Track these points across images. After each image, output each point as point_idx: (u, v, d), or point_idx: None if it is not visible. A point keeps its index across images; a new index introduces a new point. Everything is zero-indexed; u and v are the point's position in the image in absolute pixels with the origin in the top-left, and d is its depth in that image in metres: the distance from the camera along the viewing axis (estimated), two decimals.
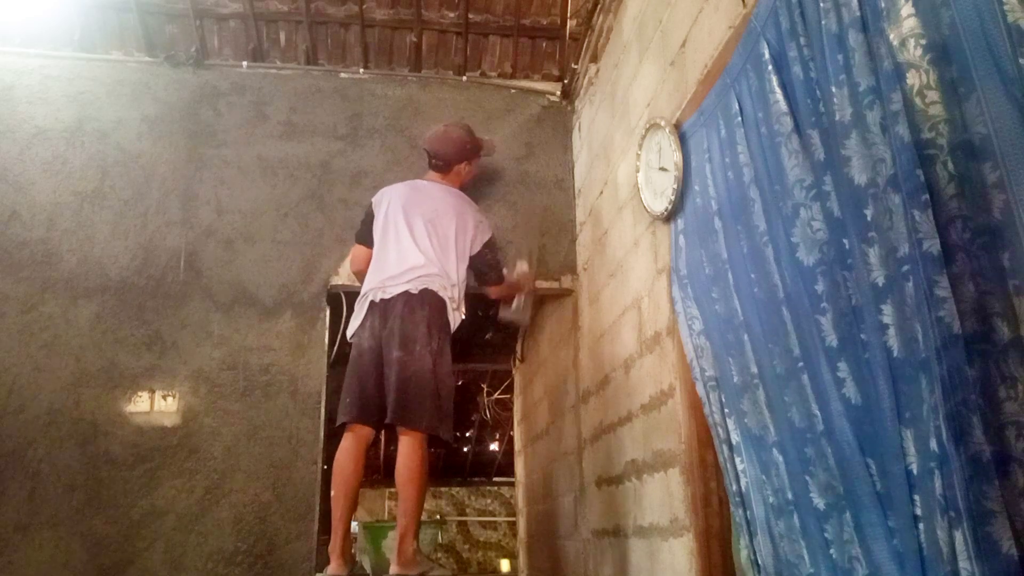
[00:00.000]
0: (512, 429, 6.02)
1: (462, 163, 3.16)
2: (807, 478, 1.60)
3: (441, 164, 3.12)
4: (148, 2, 3.48)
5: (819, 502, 1.57)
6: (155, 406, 3.18)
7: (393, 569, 2.58)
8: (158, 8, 3.51)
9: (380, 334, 2.74)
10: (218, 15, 3.57)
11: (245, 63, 3.65)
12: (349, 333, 2.90)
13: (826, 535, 1.54)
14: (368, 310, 2.81)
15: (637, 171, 2.54)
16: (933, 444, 1.16)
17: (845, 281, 1.45)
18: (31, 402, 3.10)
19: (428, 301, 2.76)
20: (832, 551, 1.53)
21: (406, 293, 2.76)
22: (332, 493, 2.70)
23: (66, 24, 3.49)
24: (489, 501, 12.86)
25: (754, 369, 1.81)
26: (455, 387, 2.79)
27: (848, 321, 1.44)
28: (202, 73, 3.60)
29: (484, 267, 3.04)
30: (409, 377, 2.64)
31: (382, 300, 2.78)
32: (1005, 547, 1.03)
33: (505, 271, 3.16)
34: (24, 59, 3.47)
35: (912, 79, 1.20)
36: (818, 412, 1.55)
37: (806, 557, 1.62)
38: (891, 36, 1.25)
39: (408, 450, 2.62)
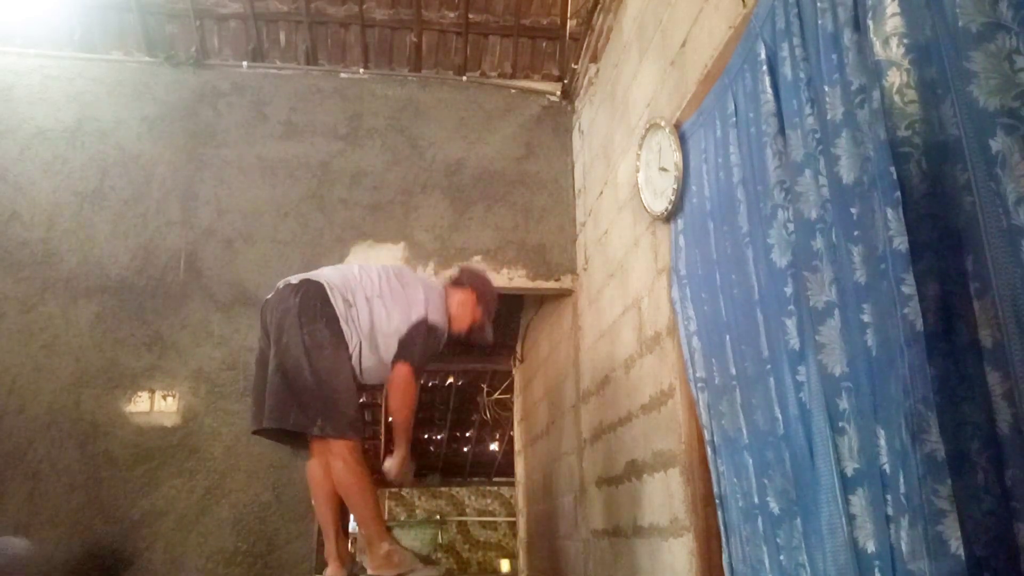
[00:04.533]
0: (512, 429, 6.02)
1: (465, 289, 2.69)
2: (765, 481, 1.60)
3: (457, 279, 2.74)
4: (148, 2, 3.48)
5: (774, 506, 1.57)
6: (155, 406, 3.18)
7: (369, 571, 2.48)
8: (158, 8, 3.51)
9: (262, 334, 2.46)
10: (218, 15, 3.57)
11: (245, 63, 3.65)
12: None
13: (778, 540, 1.55)
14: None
15: (637, 171, 2.54)
16: (897, 443, 1.17)
17: (809, 283, 1.45)
18: (31, 402, 3.09)
19: (303, 289, 2.40)
20: (782, 556, 1.53)
21: (287, 286, 2.44)
22: (313, 503, 2.61)
23: (66, 24, 3.49)
24: (489, 501, 12.86)
25: (732, 371, 1.81)
26: (349, 379, 2.34)
27: (809, 324, 1.44)
28: (202, 73, 3.60)
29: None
30: (275, 372, 2.32)
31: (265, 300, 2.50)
32: (953, 547, 1.03)
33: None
34: (24, 59, 3.47)
35: (892, 77, 1.20)
36: (779, 415, 1.55)
37: (766, 562, 1.62)
38: (875, 34, 1.25)
39: (332, 458, 2.36)
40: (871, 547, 1.26)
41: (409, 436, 2.49)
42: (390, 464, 2.52)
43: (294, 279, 2.45)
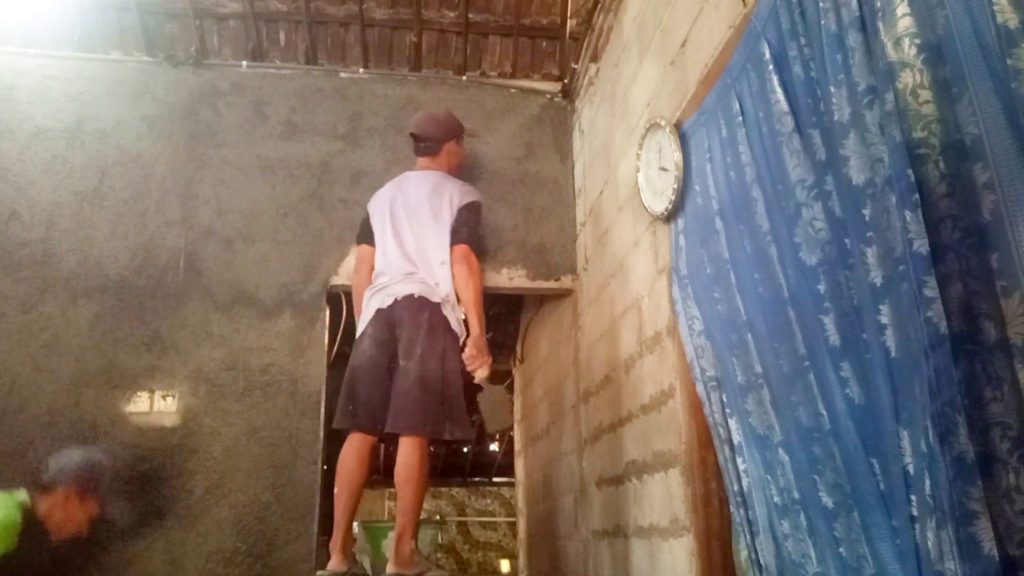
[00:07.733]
0: (512, 429, 6.01)
1: (450, 141, 3.14)
2: (815, 477, 1.60)
3: (430, 145, 3.11)
4: (148, 2, 3.48)
5: (828, 501, 1.57)
6: (155, 406, 3.17)
7: (390, 568, 2.58)
8: (158, 8, 3.51)
9: (385, 343, 2.76)
10: (218, 15, 3.57)
11: (245, 63, 3.64)
12: (359, 333, 2.92)
13: (835, 533, 1.55)
14: (373, 317, 2.83)
15: (637, 171, 2.53)
16: (923, 444, 1.17)
17: (847, 281, 1.45)
18: (31, 402, 3.09)
19: (429, 303, 2.77)
20: (842, 549, 1.53)
21: (408, 298, 2.78)
22: (336, 491, 2.71)
23: (66, 24, 3.48)
24: (489, 501, 12.87)
25: (759, 369, 1.81)
26: (462, 385, 2.78)
27: (849, 321, 1.45)
28: (202, 73, 3.60)
29: (459, 224, 2.88)
30: (412, 384, 2.64)
31: (387, 308, 2.81)
32: (987, 548, 1.03)
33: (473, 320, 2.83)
34: (24, 59, 3.47)
35: (906, 78, 1.20)
36: (824, 411, 1.55)
37: (813, 556, 1.62)
38: (885, 35, 1.25)
39: (408, 451, 2.63)
40: (909, 546, 1.26)
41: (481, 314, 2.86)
42: (471, 349, 2.79)
43: (416, 292, 2.77)
